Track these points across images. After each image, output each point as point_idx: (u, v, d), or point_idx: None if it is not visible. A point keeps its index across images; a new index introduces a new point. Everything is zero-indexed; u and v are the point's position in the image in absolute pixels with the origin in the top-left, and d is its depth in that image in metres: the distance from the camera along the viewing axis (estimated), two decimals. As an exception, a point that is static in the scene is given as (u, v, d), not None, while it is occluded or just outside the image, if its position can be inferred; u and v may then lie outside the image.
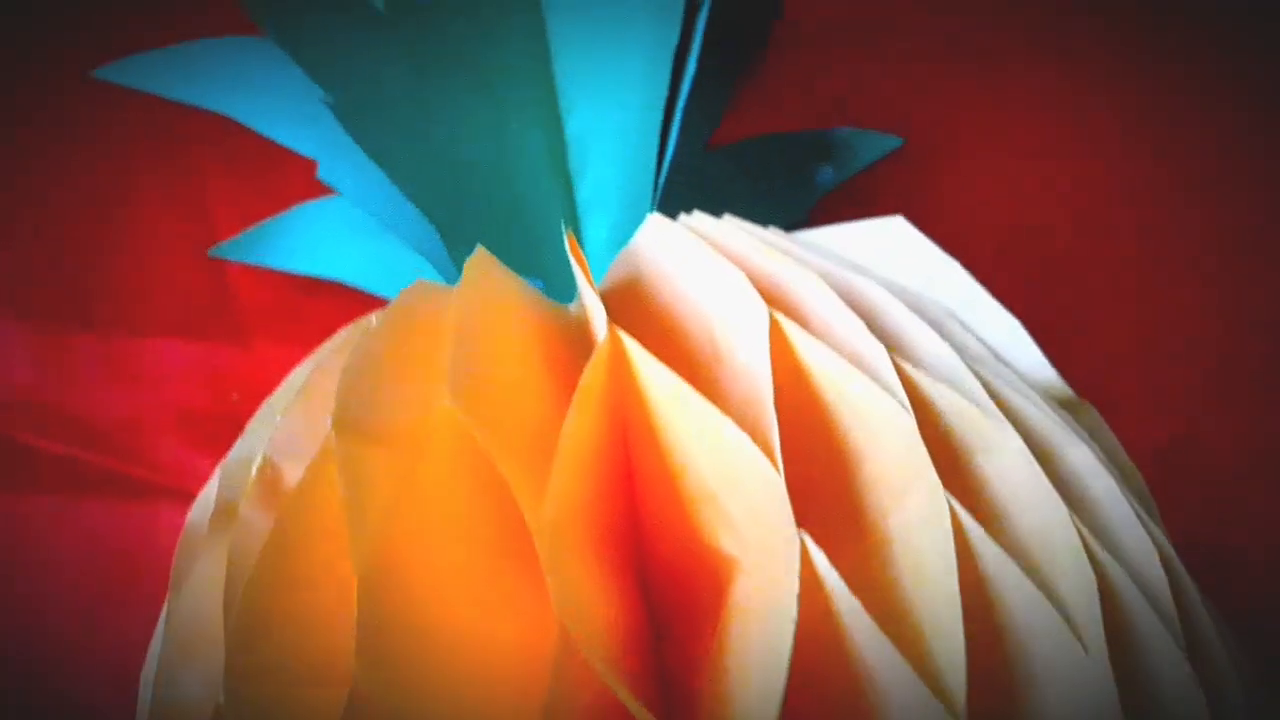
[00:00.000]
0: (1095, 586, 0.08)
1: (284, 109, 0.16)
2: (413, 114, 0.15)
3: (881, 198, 0.21)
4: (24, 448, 0.19)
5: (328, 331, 0.19)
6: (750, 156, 0.19)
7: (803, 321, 0.10)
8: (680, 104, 0.16)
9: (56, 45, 0.21)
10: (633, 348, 0.09)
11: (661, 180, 0.16)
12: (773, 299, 0.10)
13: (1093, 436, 0.11)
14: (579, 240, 0.16)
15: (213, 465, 0.19)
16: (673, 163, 0.16)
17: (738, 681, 0.08)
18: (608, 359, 0.10)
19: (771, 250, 0.11)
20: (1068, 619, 0.08)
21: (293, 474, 0.10)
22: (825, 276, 0.10)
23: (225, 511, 0.10)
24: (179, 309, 0.20)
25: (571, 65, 0.16)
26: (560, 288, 0.15)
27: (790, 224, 0.19)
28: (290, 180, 0.19)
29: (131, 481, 0.19)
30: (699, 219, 0.12)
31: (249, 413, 0.18)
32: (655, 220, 0.12)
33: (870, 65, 0.22)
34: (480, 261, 0.11)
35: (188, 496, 0.19)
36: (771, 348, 0.09)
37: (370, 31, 0.15)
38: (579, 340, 0.11)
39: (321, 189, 0.19)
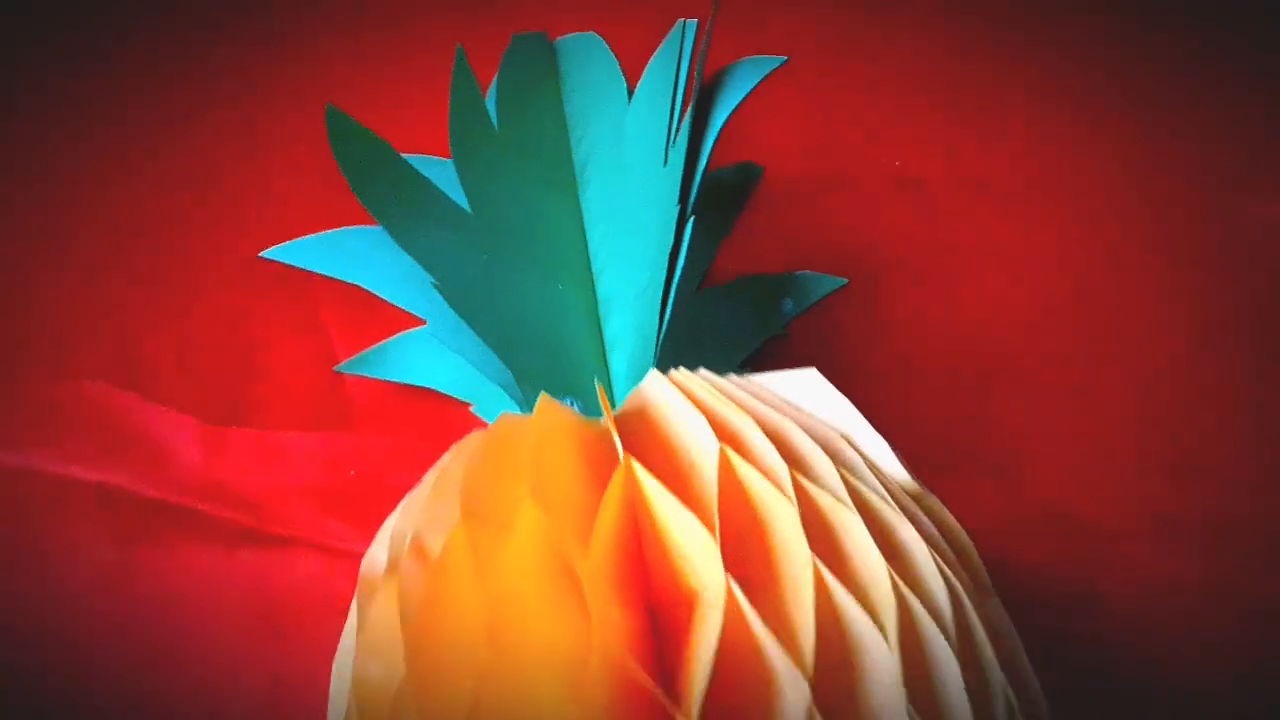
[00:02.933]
0: (895, 610, 0.14)
1: (397, 281, 0.23)
2: (489, 286, 0.21)
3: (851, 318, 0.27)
4: (196, 512, 0.26)
5: (420, 423, 0.26)
6: (732, 294, 0.26)
7: (739, 449, 0.16)
8: (679, 265, 0.22)
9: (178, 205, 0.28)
10: (638, 468, 0.16)
11: (666, 321, 0.22)
12: (722, 433, 0.16)
13: (930, 516, 0.17)
14: (606, 367, 0.22)
15: (337, 523, 0.25)
16: (674, 305, 0.23)
17: (694, 671, 0.15)
18: (624, 473, 0.16)
19: (724, 399, 0.17)
20: (881, 628, 0.14)
21: (434, 544, 0.16)
22: (756, 416, 0.17)
23: (392, 564, 0.17)
24: (307, 407, 0.27)
25: (600, 243, 0.23)
26: (593, 404, 0.21)
27: (764, 339, 0.25)
28: (379, 308, 0.26)
29: (276, 538, 0.26)
30: (681, 374, 0.18)
31: (363, 484, 0.25)
32: (653, 375, 0.18)
33: (820, 216, 0.29)
34: (545, 401, 0.18)
35: (319, 548, 0.25)
36: (720, 467, 0.16)
37: (458, 228, 0.22)
38: (607, 446, 0.18)
39: (411, 318, 0.26)
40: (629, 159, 0.23)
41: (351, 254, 0.23)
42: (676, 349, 0.22)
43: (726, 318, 0.25)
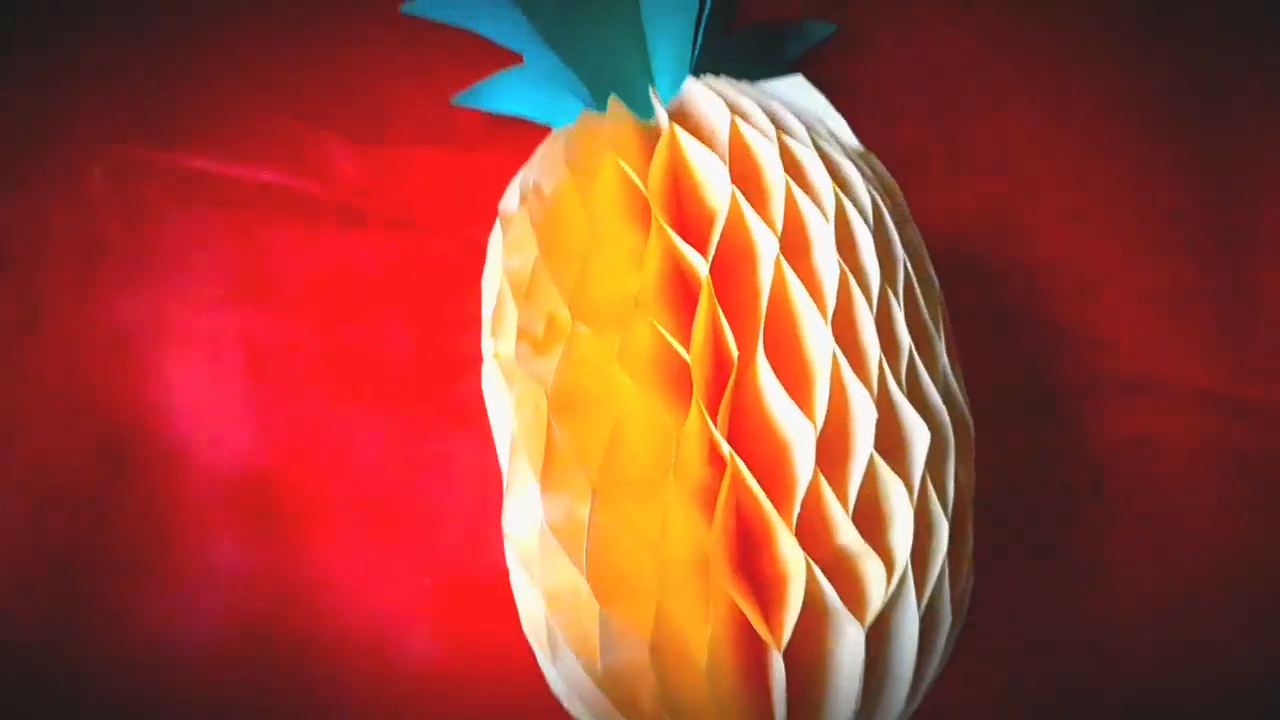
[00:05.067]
0: (834, 204, 0.24)
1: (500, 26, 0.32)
2: (568, 29, 0.30)
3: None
4: (354, 207, 0.36)
5: (515, 144, 0.35)
6: (747, 39, 0.34)
7: (744, 118, 0.26)
8: (706, 11, 0.31)
9: None
10: (677, 129, 0.25)
11: (696, 55, 0.31)
12: (734, 108, 0.26)
13: (873, 169, 0.26)
14: (654, 87, 0.31)
15: (460, 215, 0.35)
16: (701, 46, 0.31)
17: (710, 243, 0.24)
18: (669, 135, 0.26)
19: (738, 91, 0.26)
20: (824, 213, 0.24)
21: (548, 187, 0.26)
22: (756, 99, 0.26)
23: (522, 198, 0.27)
24: (433, 130, 0.36)
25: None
26: (647, 111, 0.30)
27: (773, 74, 0.34)
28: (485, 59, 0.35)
29: (417, 225, 0.35)
30: (710, 79, 0.27)
31: (474, 190, 0.34)
32: (689, 80, 0.28)
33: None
34: (614, 101, 0.27)
35: (448, 234, 0.35)
36: (731, 129, 0.25)
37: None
38: (657, 126, 0.27)
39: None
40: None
41: (467, 5, 0.32)
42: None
43: (743, 57, 0.34)
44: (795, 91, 0.28)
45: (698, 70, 0.30)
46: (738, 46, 0.34)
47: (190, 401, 0.33)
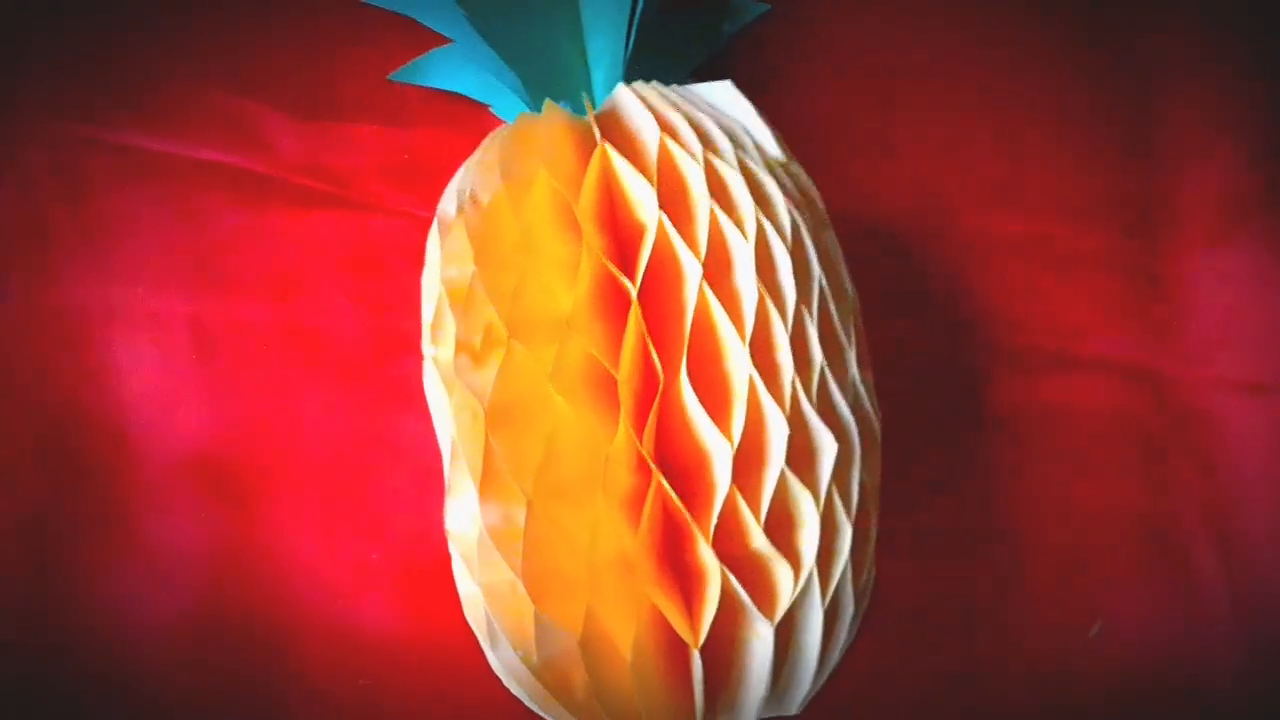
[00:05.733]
0: (755, 227, 0.25)
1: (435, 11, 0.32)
2: (503, 14, 0.31)
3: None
4: (298, 185, 0.36)
5: (454, 119, 0.36)
6: (681, 17, 0.35)
7: (672, 135, 0.27)
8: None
9: None
10: (609, 148, 0.26)
11: (632, 44, 0.31)
12: (662, 124, 0.27)
13: (792, 178, 0.28)
14: (589, 77, 0.32)
15: (399, 193, 0.35)
16: (637, 31, 0.32)
17: (640, 261, 0.26)
18: (600, 153, 0.27)
19: (666, 101, 0.27)
20: (745, 236, 0.25)
21: (485, 197, 0.27)
22: (684, 113, 0.27)
23: (459, 209, 0.28)
24: (374, 109, 0.36)
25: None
26: (579, 107, 0.31)
27: (708, 53, 0.35)
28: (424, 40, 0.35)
29: (358, 204, 0.36)
30: (639, 85, 0.28)
31: (414, 163, 0.35)
32: (621, 87, 0.28)
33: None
34: (549, 106, 0.28)
35: (387, 211, 0.36)
36: (660, 147, 0.26)
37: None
38: (589, 135, 0.28)
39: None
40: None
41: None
42: (640, 63, 0.31)
43: (679, 36, 0.35)
44: (723, 98, 0.29)
45: (634, 52, 0.30)
46: (673, 26, 0.34)
47: (139, 381, 0.34)
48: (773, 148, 0.28)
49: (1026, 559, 0.35)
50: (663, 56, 0.34)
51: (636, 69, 0.31)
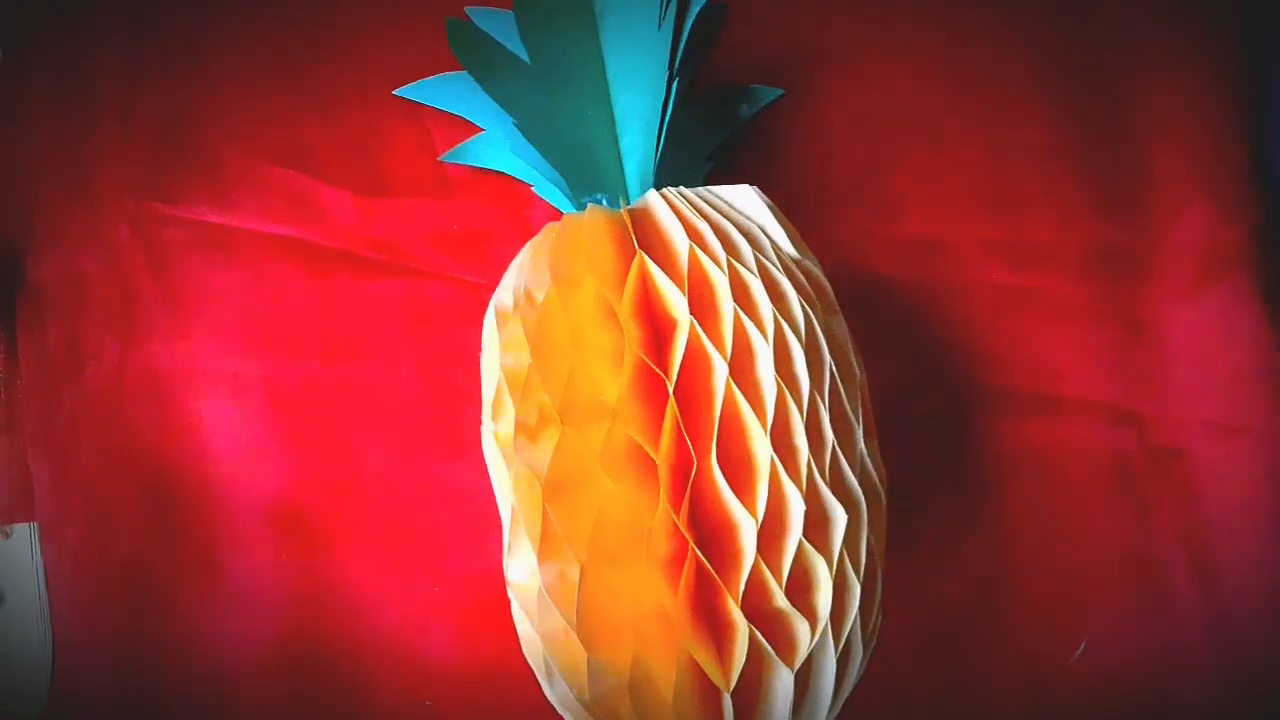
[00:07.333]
0: (773, 326, 0.29)
1: (481, 111, 0.36)
2: (544, 116, 0.34)
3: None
4: (358, 255, 0.40)
5: (497, 194, 0.39)
6: (705, 102, 0.38)
7: (699, 243, 0.30)
8: (671, 101, 0.35)
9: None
10: (645, 257, 0.30)
11: (664, 137, 0.35)
12: (690, 231, 0.31)
13: (806, 274, 0.32)
14: (622, 170, 0.36)
15: (450, 260, 0.39)
16: (667, 122, 0.35)
17: (673, 357, 0.30)
18: (638, 261, 0.30)
19: (692, 208, 0.31)
20: (764, 335, 0.29)
21: (538, 295, 0.31)
22: (709, 220, 0.31)
23: (516, 304, 0.32)
24: (423, 186, 0.40)
25: (618, 77, 0.35)
26: (615, 200, 0.35)
27: (729, 132, 0.38)
28: (467, 129, 0.39)
29: (412, 270, 0.40)
30: (668, 191, 0.32)
31: (463, 236, 0.39)
32: (651, 193, 0.32)
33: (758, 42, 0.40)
34: (593, 208, 0.32)
35: (439, 277, 0.40)
36: (689, 255, 0.30)
37: (521, 73, 0.34)
38: (629, 238, 0.31)
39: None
40: (635, 18, 0.35)
41: (450, 92, 0.36)
42: (669, 144, 0.35)
43: (703, 120, 0.38)
44: (744, 201, 0.32)
45: (665, 137, 0.34)
46: (698, 113, 0.38)
47: (221, 436, 0.39)
48: (788, 246, 0.32)
49: (1015, 586, 0.39)
50: (689, 140, 0.37)
51: (666, 154, 0.35)
